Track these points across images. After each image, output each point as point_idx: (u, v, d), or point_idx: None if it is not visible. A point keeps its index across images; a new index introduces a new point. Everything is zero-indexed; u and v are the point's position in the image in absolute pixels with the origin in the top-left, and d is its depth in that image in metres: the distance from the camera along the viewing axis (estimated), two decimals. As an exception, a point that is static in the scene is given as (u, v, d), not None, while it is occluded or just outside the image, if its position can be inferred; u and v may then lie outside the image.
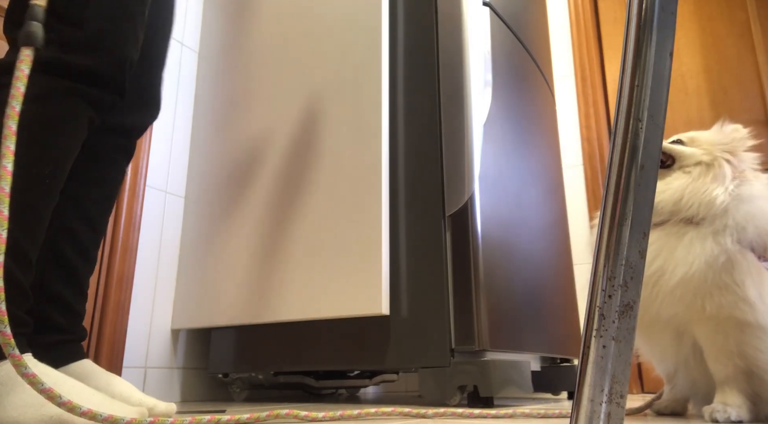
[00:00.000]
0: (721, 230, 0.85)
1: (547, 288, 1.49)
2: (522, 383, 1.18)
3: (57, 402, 0.65)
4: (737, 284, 0.83)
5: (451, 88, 1.33)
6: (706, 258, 0.84)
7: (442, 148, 1.30)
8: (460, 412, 0.93)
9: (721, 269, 0.83)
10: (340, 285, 1.28)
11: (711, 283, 0.84)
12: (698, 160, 0.95)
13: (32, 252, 0.74)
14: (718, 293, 0.83)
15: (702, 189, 0.90)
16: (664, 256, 0.87)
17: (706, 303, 0.84)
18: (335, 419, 0.85)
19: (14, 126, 0.68)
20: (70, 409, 0.65)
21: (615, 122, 0.44)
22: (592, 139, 2.48)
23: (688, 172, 0.94)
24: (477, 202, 1.23)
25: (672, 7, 0.43)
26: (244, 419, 0.79)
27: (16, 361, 0.63)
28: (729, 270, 0.83)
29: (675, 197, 0.91)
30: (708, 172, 0.93)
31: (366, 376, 1.55)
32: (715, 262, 0.83)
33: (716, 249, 0.84)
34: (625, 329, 0.39)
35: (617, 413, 0.38)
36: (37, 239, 0.75)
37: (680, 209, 0.90)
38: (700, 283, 0.84)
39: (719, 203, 0.88)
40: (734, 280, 0.83)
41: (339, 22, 1.48)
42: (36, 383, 0.64)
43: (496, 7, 1.49)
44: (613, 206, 0.42)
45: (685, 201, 0.90)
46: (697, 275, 0.84)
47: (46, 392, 0.64)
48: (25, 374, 0.63)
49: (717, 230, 0.86)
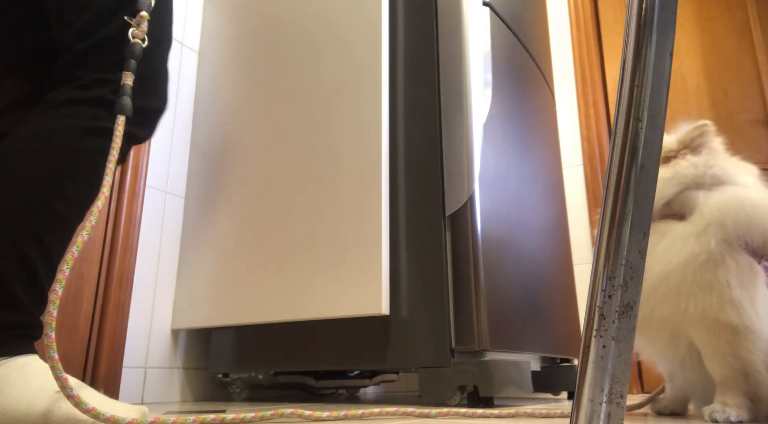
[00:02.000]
0: (703, 229, 0.83)
1: (547, 288, 1.50)
2: (522, 383, 1.18)
3: (67, 394, 0.66)
4: (722, 284, 0.80)
5: (451, 89, 1.33)
6: (685, 256, 0.82)
7: (442, 148, 1.30)
8: (464, 412, 0.93)
9: (700, 267, 0.81)
10: (340, 285, 1.28)
11: (692, 282, 0.81)
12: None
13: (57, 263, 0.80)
14: (701, 294, 0.81)
15: (665, 174, 0.90)
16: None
17: (689, 304, 0.82)
18: (339, 418, 0.85)
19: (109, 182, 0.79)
20: (76, 404, 0.66)
21: (615, 122, 0.44)
22: (592, 139, 2.48)
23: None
24: (477, 202, 1.23)
25: (672, 7, 0.43)
26: (249, 418, 0.79)
27: (53, 363, 0.66)
28: (711, 269, 0.81)
29: None
30: (665, 169, 0.92)
31: (366, 376, 1.55)
32: (695, 260, 0.81)
33: (697, 248, 0.82)
34: (625, 329, 0.40)
35: (617, 413, 0.38)
36: (62, 253, 0.81)
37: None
38: (680, 281, 0.82)
39: (688, 174, 0.87)
40: (718, 280, 0.80)
41: (339, 21, 1.48)
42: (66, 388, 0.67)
43: (496, 7, 1.49)
44: (613, 206, 0.42)
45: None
46: (675, 273, 0.82)
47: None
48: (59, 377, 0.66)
49: (699, 230, 0.83)
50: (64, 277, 0.73)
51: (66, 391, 0.66)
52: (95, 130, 0.83)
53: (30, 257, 0.75)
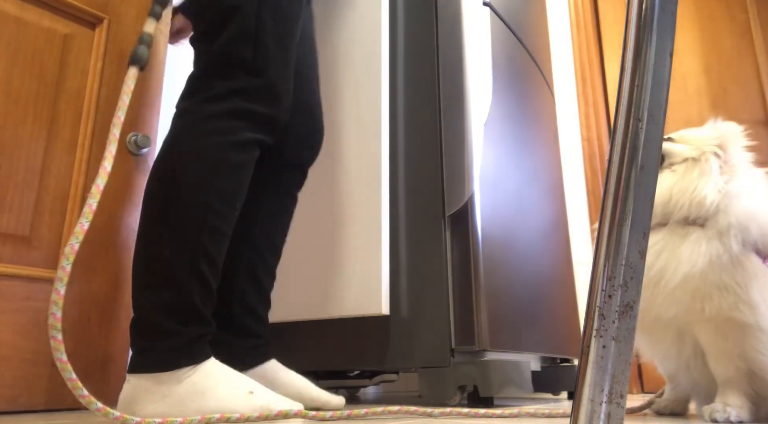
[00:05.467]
0: (726, 231, 0.84)
1: (547, 288, 1.49)
2: (522, 383, 1.18)
3: (77, 393, 0.74)
4: (739, 285, 0.81)
5: (451, 89, 1.33)
6: (710, 258, 0.82)
7: (442, 148, 1.30)
8: (466, 412, 0.93)
9: (723, 269, 0.82)
10: (340, 285, 1.28)
11: (711, 283, 0.82)
12: (685, 157, 0.92)
13: (219, 262, 0.90)
14: (718, 295, 0.82)
15: (689, 187, 0.88)
16: (665, 256, 0.86)
17: (705, 304, 0.82)
18: (343, 418, 0.85)
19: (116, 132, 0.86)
20: (87, 403, 0.73)
21: (615, 122, 0.44)
22: (592, 139, 2.48)
23: (674, 171, 0.92)
24: (477, 203, 1.23)
25: (672, 7, 0.43)
26: (253, 417, 0.79)
27: (62, 365, 0.73)
28: (731, 271, 0.82)
29: (663, 199, 0.89)
30: (694, 167, 0.90)
31: (366, 376, 1.55)
32: (718, 262, 0.82)
33: (721, 249, 0.82)
34: (625, 329, 0.39)
35: (617, 413, 0.38)
36: (223, 252, 0.90)
37: (671, 211, 0.88)
38: (701, 283, 0.83)
39: (710, 203, 0.86)
40: (736, 281, 0.81)
41: (338, 21, 1.48)
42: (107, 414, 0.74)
43: (496, 7, 1.49)
44: (613, 206, 0.42)
45: (674, 202, 0.88)
46: (699, 274, 0.82)
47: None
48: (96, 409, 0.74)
49: (721, 230, 0.84)
50: (65, 272, 0.75)
51: (77, 391, 0.72)
52: (239, 144, 0.91)
53: (206, 276, 0.86)
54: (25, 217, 1.10)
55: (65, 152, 1.19)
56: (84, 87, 1.23)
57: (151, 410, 0.81)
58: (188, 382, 0.82)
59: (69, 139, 1.20)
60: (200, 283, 0.86)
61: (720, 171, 0.89)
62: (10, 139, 1.11)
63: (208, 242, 0.86)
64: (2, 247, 1.07)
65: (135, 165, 1.28)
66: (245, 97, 0.93)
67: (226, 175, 0.90)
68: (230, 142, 0.91)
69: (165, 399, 0.81)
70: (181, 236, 0.85)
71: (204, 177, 0.88)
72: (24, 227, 1.10)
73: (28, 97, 1.15)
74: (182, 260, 0.85)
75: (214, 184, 0.88)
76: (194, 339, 0.85)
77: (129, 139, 1.26)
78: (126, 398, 0.83)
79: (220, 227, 0.89)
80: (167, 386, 0.81)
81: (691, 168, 0.91)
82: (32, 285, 1.09)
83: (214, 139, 0.90)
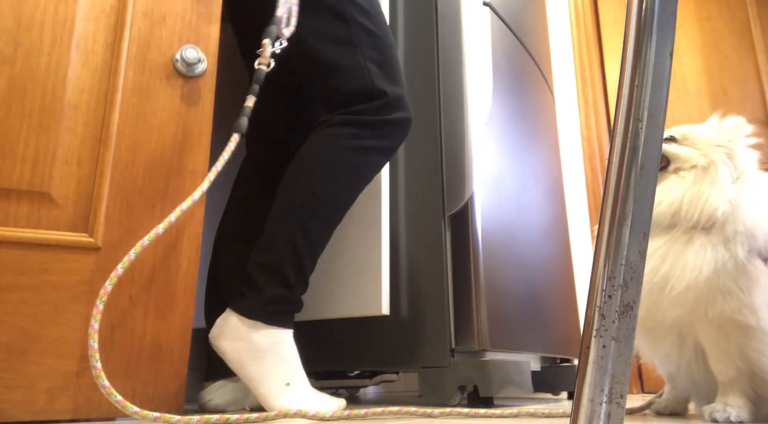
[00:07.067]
0: (732, 238, 0.83)
1: (547, 288, 1.49)
2: (522, 383, 1.18)
3: (108, 393, 0.76)
4: (743, 290, 0.81)
5: (451, 89, 1.33)
6: (716, 264, 0.82)
7: (442, 148, 1.30)
8: (466, 412, 0.93)
9: (727, 275, 0.82)
10: (340, 285, 1.28)
11: (715, 288, 0.82)
12: (694, 164, 0.91)
13: (319, 251, 0.98)
14: (722, 299, 0.82)
15: (701, 197, 0.87)
16: (670, 261, 0.85)
17: (708, 307, 0.83)
18: (342, 418, 0.85)
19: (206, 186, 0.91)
20: (108, 394, 0.75)
21: (615, 122, 0.43)
22: (592, 139, 2.48)
23: (683, 177, 0.91)
24: (477, 203, 1.23)
25: (672, 7, 0.43)
26: (253, 418, 0.79)
27: (97, 373, 0.75)
28: (735, 277, 0.82)
29: (673, 208, 0.88)
30: (704, 176, 0.89)
31: (366, 376, 1.54)
32: (724, 268, 0.82)
33: (726, 256, 0.82)
34: (625, 329, 0.39)
35: (617, 413, 0.38)
36: (324, 243, 0.99)
37: (680, 221, 0.87)
38: (705, 289, 0.82)
39: (721, 214, 0.85)
40: (740, 286, 0.82)
41: (339, 22, 1.48)
42: None
43: (496, 7, 1.49)
44: (613, 206, 0.42)
45: (685, 211, 0.87)
46: (704, 281, 0.82)
47: None
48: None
49: (728, 237, 0.84)
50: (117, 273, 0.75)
51: (106, 391, 0.74)
52: (357, 148, 1.01)
53: (301, 249, 0.94)
54: (42, 167, 0.85)
55: (96, 81, 0.92)
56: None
57: (230, 347, 0.90)
58: (271, 339, 0.91)
59: (101, 65, 0.93)
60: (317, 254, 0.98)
61: (730, 178, 0.89)
62: (22, 69, 0.86)
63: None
64: (16, 206, 0.83)
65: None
66: None
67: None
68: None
69: (241, 342, 0.90)
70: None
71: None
72: (42, 181, 0.85)
73: (44, 17, 0.89)
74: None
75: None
76: (294, 304, 0.95)
77: None
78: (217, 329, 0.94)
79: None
80: (253, 332, 0.90)
81: (701, 177, 0.89)
82: (54, 254, 0.83)
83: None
